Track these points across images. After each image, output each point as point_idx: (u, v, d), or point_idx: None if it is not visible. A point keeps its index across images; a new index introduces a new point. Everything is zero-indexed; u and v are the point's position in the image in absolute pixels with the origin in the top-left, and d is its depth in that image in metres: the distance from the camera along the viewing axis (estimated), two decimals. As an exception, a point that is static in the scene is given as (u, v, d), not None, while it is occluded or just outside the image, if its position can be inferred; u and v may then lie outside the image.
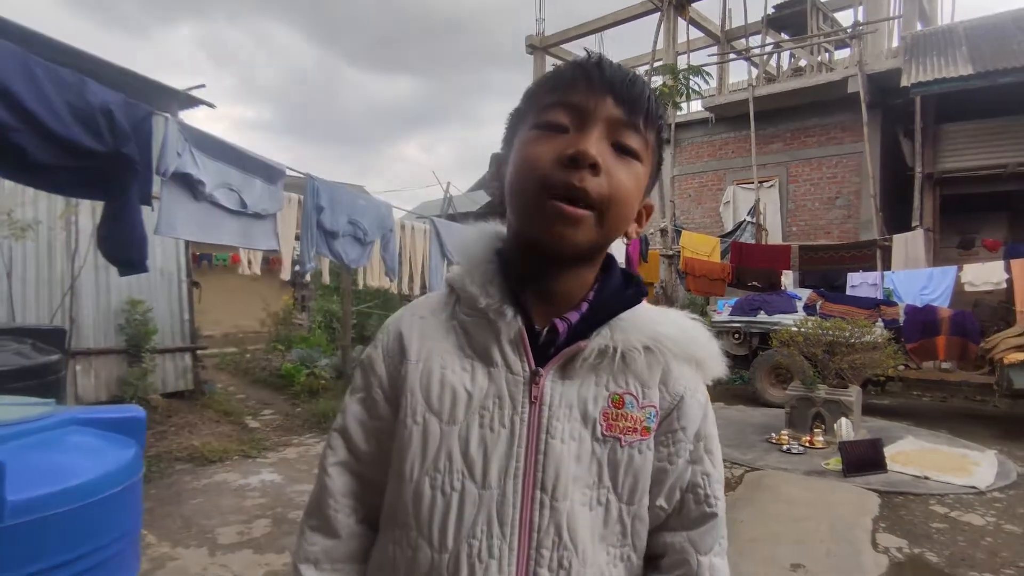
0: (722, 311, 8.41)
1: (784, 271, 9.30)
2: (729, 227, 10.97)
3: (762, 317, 7.77)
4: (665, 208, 10.75)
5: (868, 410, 6.55)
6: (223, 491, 4.13)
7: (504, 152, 0.77)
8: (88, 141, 2.61)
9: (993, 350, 6.26)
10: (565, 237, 0.67)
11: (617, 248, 8.72)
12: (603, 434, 0.71)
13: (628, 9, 12.14)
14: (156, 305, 6.03)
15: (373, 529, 0.79)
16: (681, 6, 10.57)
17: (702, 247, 9.39)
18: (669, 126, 11.57)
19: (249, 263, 5.81)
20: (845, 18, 12.42)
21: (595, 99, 0.68)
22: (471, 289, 0.74)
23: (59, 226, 5.41)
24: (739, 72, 17.46)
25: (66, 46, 4.75)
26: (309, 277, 5.74)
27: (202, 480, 4.33)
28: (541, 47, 14.05)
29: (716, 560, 0.76)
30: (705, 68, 10.93)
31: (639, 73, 0.72)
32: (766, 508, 3.92)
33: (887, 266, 8.56)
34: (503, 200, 0.76)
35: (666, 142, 0.75)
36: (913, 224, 9.11)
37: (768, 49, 12.42)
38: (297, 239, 4.51)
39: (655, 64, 10.92)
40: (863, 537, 3.47)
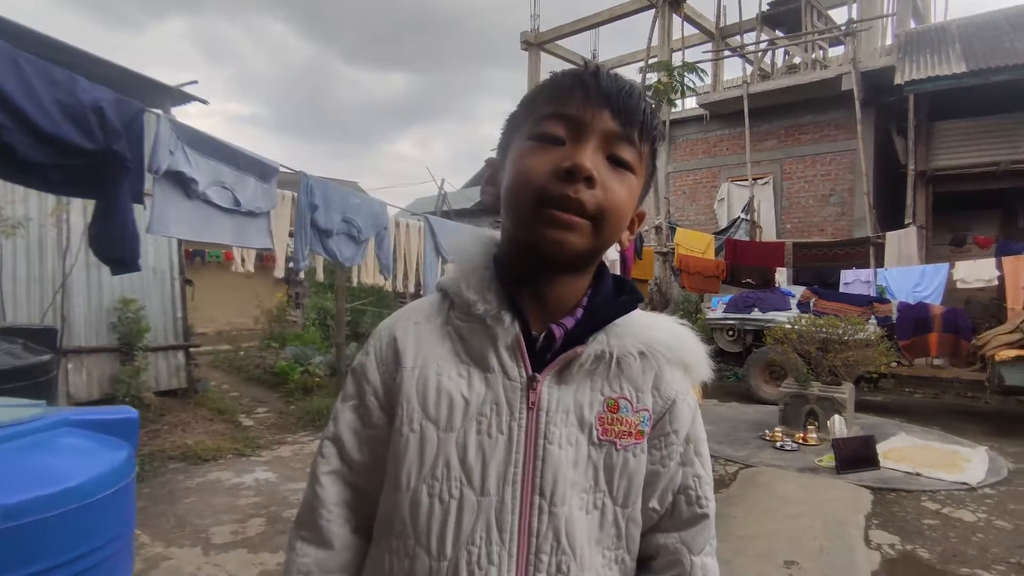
0: (716, 308, 8.43)
1: (778, 268, 9.33)
2: (723, 224, 10.99)
3: (756, 314, 7.78)
4: (660, 205, 10.77)
5: (861, 407, 6.58)
6: (217, 490, 4.12)
7: (500, 158, 0.77)
8: (78, 139, 2.59)
9: (984, 347, 6.31)
10: (561, 242, 0.67)
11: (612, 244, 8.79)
12: (599, 438, 0.72)
13: (623, 5, 12.12)
14: (149, 303, 6.00)
15: (366, 539, 0.78)
16: (676, 3, 10.55)
17: (696, 244, 9.41)
18: (664, 123, 11.63)
19: (243, 261, 5.79)
20: (839, 15, 12.44)
21: (591, 111, 0.68)
22: (468, 295, 0.73)
23: (50, 223, 5.36)
24: (734, 69, 17.48)
25: (55, 41, 4.70)
26: (303, 274, 5.72)
27: (196, 479, 4.31)
28: (536, 43, 14.02)
29: (707, 560, 0.77)
30: (700, 65, 10.94)
31: (635, 83, 0.72)
32: (760, 505, 3.93)
33: (880, 263, 8.60)
34: (497, 205, 0.75)
35: (661, 139, 0.75)
36: (906, 221, 9.16)
37: (763, 46, 12.45)
38: (291, 236, 4.49)
39: (650, 61, 10.92)
40: (856, 534, 3.50)
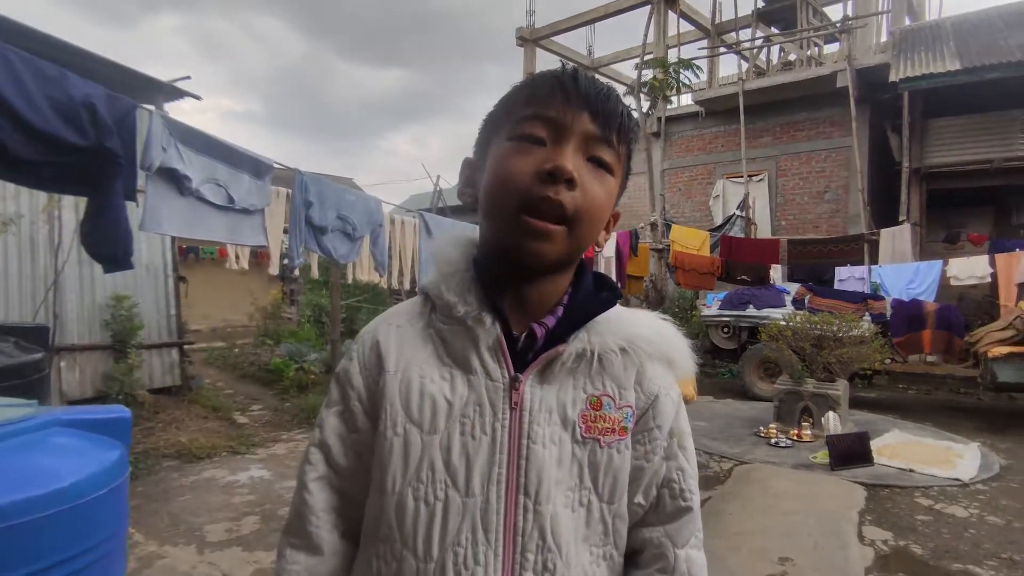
0: (711, 305, 8.45)
1: (773, 265, 9.36)
2: (719, 221, 11.00)
3: (751, 311, 7.81)
4: (655, 202, 10.78)
5: (855, 403, 6.62)
6: (211, 488, 4.10)
7: (477, 159, 0.77)
8: (70, 136, 2.56)
9: (977, 344, 6.35)
10: (538, 252, 0.68)
11: (608, 241, 8.74)
12: (582, 436, 0.72)
13: (619, 1, 12.09)
14: (142, 300, 5.96)
15: (355, 544, 0.78)
16: (672, -1, 10.55)
17: (692, 241, 9.42)
18: (660, 120, 11.63)
19: (237, 258, 5.77)
20: (835, 12, 12.48)
21: (571, 114, 0.68)
22: (448, 297, 0.74)
23: (42, 220, 5.32)
24: (729, 66, 17.48)
25: (45, 36, 4.65)
26: (298, 271, 5.70)
27: (190, 477, 4.30)
28: (531, 39, 13.98)
29: (692, 552, 0.77)
30: (695, 62, 10.95)
31: (613, 87, 0.72)
32: (754, 501, 3.95)
33: (874, 260, 8.64)
34: (475, 206, 0.76)
35: (636, 141, 0.75)
36: (900, 218, 9.20)
37: (758, 43, 12.44)
38: (286, 233, 4.47)
39: (645, 57, 10.91)
40: (850, 530, 3.51)
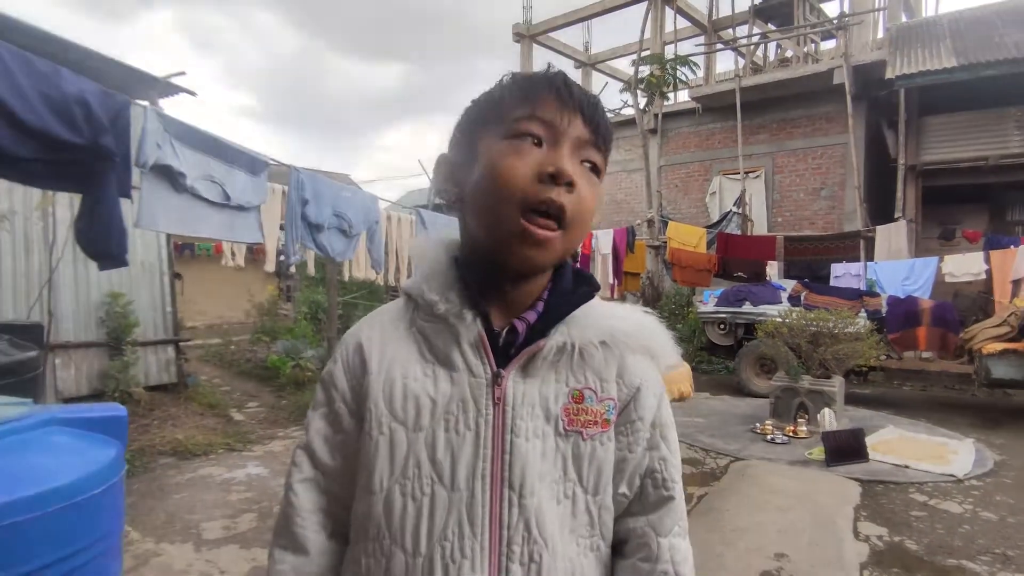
0: (708, 302, 8.46)
1: (769, 262, 9.38)
2: (715, 218, 11.02)
3: (747, 308, 7.83)
4: (652, 198, 10.79)
5: (850, 400, 6.64)
6: (208, 485, 4.10)
7: (459, 156, 0.76)
8: (64, 133, 2.55)
9: (972, 340, 6.38)
10: (532, 260, 0.70)
11: (605, 237, 8.68)
12: (565, 429, 0.73)
13: (616, -3, 12.09)
14: (137, 297, 5.94)
15: (343, 544, 0.79)
16: (669, -5, 10.53)
17: (688, 238, 9.43)
18: (657, 116, 11.64)
19: (233, 255, 5.75)
20: (831, 9, 12.49)
21: (567, 118, 0.70)
22: (430, 296, 0.74)
23: (36, 217, 5.28)
24: (726, 62, 17.49)
25: (37, 31, 4.60)
26: (294, 268, 5.69)
27: (186, 474, 4.29)
28: (528, 35, 13.95)
29: (676, 540, 0.78)
30: (692, 58, 10.95)
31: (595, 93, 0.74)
32: (750, 498, 3.96)
33: (870, 257, 8.67)
34: (458, 204, 0.76)
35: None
36: (896, 215, 9.23)
37: (755, 39, 12.44)
38: (282, 229, 4.45)
39: (642, 53, 10.91)
40: (845, 526, 3.53)
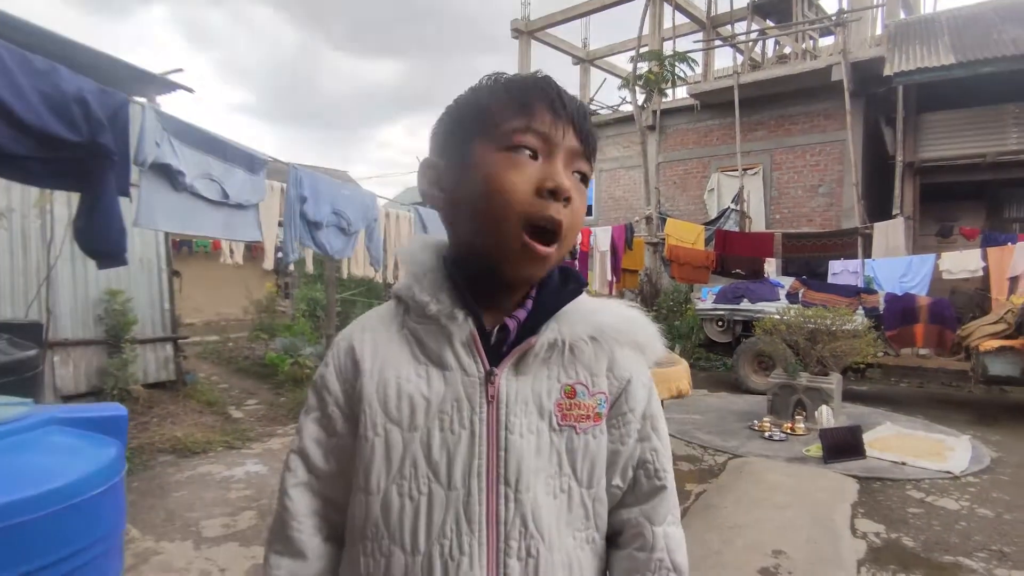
0: (706, 299, 8.48)
1: (767, 259, 9.39)
2: (713, 214, 11.02)
3: (745, 305, 7.84)
4: (650, 196, 10.79)
5: (848, 396, 6.66)
6: (207, 483, 4.10)
7: (446, 160, 0.76)
8: (62, 131, 2.54)
9: (969, 337, 6.40)
10: (532, 275, 0.73)
11: (604, 234, 8.68)
12: (559, 424, 0.74)
13: (614, -7, 12.06)
14: (136, 295, 5.93)
15: (339, 547, 0.80)
16: (667, -9, 10.51)
17: (686, 235, 9.44)
18: (655, 113, 11.63)
19: (231, 252, 5.74)
20: (830, 5, 12.47)
21: (561, 130, 0.71)
22: (421, 297, 0.75)
23: (34, 214, 5.27)
24: (724, 59, 17.47)
25: (34, 28, 4.57)
26: (292, 266, 5.69)
27: (185, 472, 4.29)
28: (527, 31, 13.92)
29: (670, 529, 0.79)
30: (690, 55, 10.94)
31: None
32: (748, 494, 3.98)
33: (868, 254, 8.69)
34: (445, 209, 0.76)
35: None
36: (894, 212, 9.24)
37: (753, 36, 12.42)
38: (280, 227, 4.44)
39: (641, 50, 10.89)
40: (842, 523, 3.55)
